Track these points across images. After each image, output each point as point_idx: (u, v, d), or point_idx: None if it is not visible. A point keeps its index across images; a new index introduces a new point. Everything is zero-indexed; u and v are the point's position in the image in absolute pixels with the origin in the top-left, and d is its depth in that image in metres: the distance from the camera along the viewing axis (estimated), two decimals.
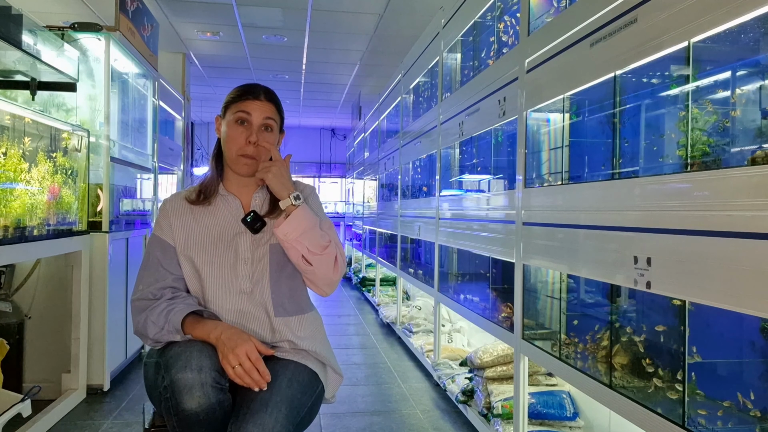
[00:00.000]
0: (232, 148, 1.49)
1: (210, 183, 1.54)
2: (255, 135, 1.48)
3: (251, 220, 1.48)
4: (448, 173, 3.53)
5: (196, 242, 1.48)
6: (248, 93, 1.51)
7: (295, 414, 1.33)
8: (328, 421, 2.85)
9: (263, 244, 1.49)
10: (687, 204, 1.27)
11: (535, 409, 2.38)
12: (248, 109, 1.48)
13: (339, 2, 4.77)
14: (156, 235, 1.51)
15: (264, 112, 1.49)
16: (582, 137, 2.03)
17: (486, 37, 2.92)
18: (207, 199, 1.52)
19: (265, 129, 1.50)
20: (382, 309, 5.50)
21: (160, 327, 1.35)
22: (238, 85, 1.54)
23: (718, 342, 1.46)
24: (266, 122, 1.50)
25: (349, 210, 9.58)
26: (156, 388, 1.32)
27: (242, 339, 1.31)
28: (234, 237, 1.49)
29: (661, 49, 1.39)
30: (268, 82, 7.70)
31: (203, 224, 1.50)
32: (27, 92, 2.83)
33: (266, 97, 1.52)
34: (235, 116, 1.49)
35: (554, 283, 2.18)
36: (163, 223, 1.51)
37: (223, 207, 1.52)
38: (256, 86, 1.53)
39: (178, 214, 1.51)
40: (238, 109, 1.49)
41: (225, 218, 1.51)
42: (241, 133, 1.48)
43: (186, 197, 1.53)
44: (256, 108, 1.49)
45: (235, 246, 1.48)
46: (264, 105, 1.50)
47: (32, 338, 3.03)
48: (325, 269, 1.46)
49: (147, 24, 4.03)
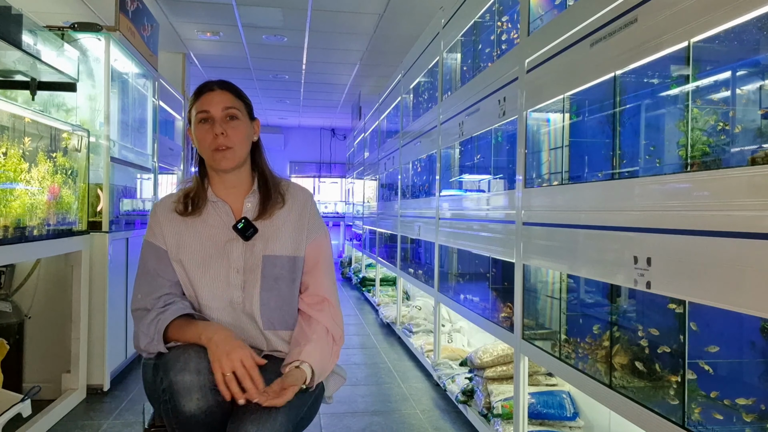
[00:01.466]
0: (204, 147, 1.46)
1: (197, 191, 1.50)
2: (220, 126, 1.44)
3: (242, 227, 1.45)
4: (448, 173, 3.53)
5: (188, 249, 1.46)
6: (202, 90, 1.48)
7: (295, 413, 1.33)
8: (328, 421, 2.85)
9: (257, 253, 1.46)
10: (687, 204, 1.27)
11: (535, 409, 2.38)
12: (205, 106, 1.45)
13: (339, 2, 4.77)
14: (148, 240, 1.49)
15: (221, 102, 1.46)
16: (582, 137, 2.03)
17: (486, 37, 2.92)
18: (197, 209, 1.48)
19: (230, 119, 1.46)
20: (382, 309, 5.50)
21: (150, 338, 1.35)
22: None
23: (718, 342, 1.46)
24: (228, 112, 1.46)
25: (349, 210, 9.58)
26: (155, 389, 1.32)
27: (237, 344, 1.29)
28: (225, 244, 1.46)
29: (661, 49, 1.39)
30: (268, 82, 7.71)
31: (195, 231, 1.47)
32: (27, 92, 2.83)
33: (220, 87, 1.48)
34: (197, 117, 1.46)
35: (554, 283, 2.18)
36: (155, 228, 1.49)
37: (214, 213, 1.49)
38: (209, 81, 1.50)
39: (169, 220, 1.49)
40: (198, 109, 1.46)
41: (216, 225, 1.48)
42: (207, 130, 1.45)
43: (175, 209, 1.49)
44: (213, 101, 1.46)
45: (228, 254, 1.45)
46: (220, 95, 1.47)
47: (32, 338, 3.03)
48: (340, 345, 1.52)
49: (147, 24, 4.03)
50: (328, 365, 1.45)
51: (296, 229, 1.51)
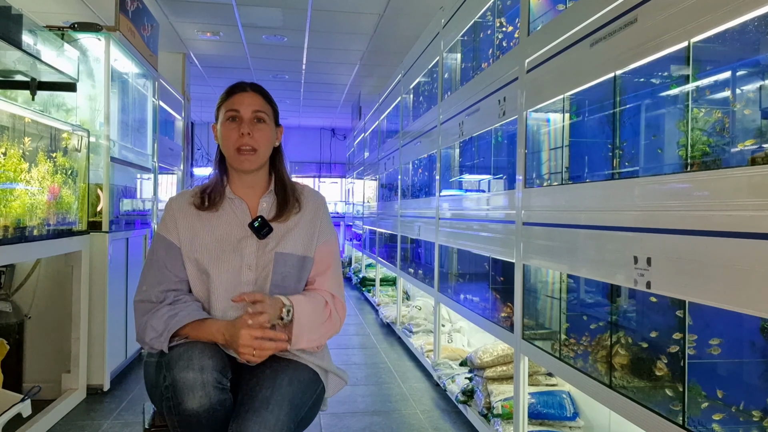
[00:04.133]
0: (229, 145, 1.48)
1: (216, 188, 1.53)
2: (247, 127, 1.47)
3: (258, 225, 1.48)
4: (448, 173, 3.53)
5: (202, 244, 1.47)
6: (235, 89, 1.51)
7: (296, 412, 1.34)
8: (328, 421, 2.85)
9: (269, 251, 1.48)
10: (687, 204, 1.27)
11: (535, 409, 2.38)
12: (236, 105, 1.49)
13: (339, 2, 4.77)
14: (161, 234, 1.50)
15: (252, 105, 1.49)
16: (582, 137, 2.03)
17: (486, 37, 2.92)
18: (214, 205, 1.51)
19: (257, 121, 1.49)
20: (382, 309, 5.50)
21: (158, 333, 1.35)
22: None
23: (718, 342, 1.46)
24: (256, 114, 1.49)
25: (349, 210, 9.58)
26: (157, 387, 1.32)
27: (236, 327, 1.33)
28: (239, 241, 1.48)
29: (661, 49, 1.39)
30: (268, 82, 7.70)
31: (209, 226, 1.49)
32: (27, 92, 2.83)
33: (253, 90, 1.52)
34: (225, 115, 1.49)
35: (554, 283, 2.18)
36: (168, 222, 1.50)
37: (230, 210, 1.52)
38: (242, 82, 1.53)
39: (184, 215, 1.50)
40: (228, 108, 1.49)
41: (232, 222, 1.50)
42: (233, 129, 1.48)
43: (192, 202, 1.51)
44: (244, 102, 1.49)
45: (241, 251, 1.47)
46: (251, 97, 1.50)
47: (32, 338, 3.03)
48: (335, 328, 1.53)
49: (147, 24, 4.03)
50: (315, 329, 1.45)
51: (308, 230, 1.53)
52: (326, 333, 1.49)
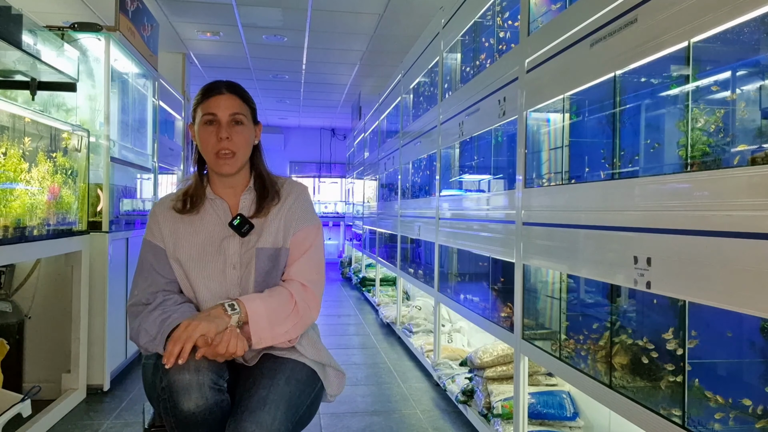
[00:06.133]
0: (208, 149, 1.47)
1: (196, 189, 1.52)
2: (225, 131, 1.45)
3: (238, 223, 1.47)
4: (448, 173, 3.53)
5: (185, 247, 1.47)
6: (210, 91, 1.48)
7: (294, 412, 1.33)
8: (328, 421, 2.85)
9: (251, 248, 1.48)
10: (687, 204, 1.27)
11: (535, 409, 2.38)
12: (212, 108, 1.46)
13: (339, 2, 4.77)
14: (147, 239, 1.51)
15: (229, 108, 1.46)
16: (582, 137, 2.03)
17: (486, 37, 2.92)
18: (195, 207, 1.50)
19: (235, 123, 1.47)
20: (382, 309, 5.50)
21: (152, 336, 1.35)
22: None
23: (718, 342, 1.46)
24: (234, 117, 1.47)
25: (349, 210, 9.58)
26: (154, 388, 1.32)
27: (208, 316, 1.30)
28: (222, 241, 1.48)
29: (661, 49, 1.39)
30: (268, 82, 7.71)
31: (192, 229, 1.49)
32: (27, 92, 2.83)
33: (229, 91, 1.49)
34: (203, 119, 1.47)
35: (554, 283, 2.18)
36: (153, 228, 1.51)
37: (212, 211, 1.52)
38: (218, 83, 1.50)
39: (167, 219, 1.50)
40: (205, 110, 1.47)
41: (214, 222, 1.50)
42: (211, 132, 1.46)
43: (173, 207, 1.51)
44: (221, 105, 1.46)
45: (224, 250, 1.47)
46: (228, 100, 1.47)
47: (32, 338, 3.03)
48: (305, 321, 1.45)
49: (147, 24, 4.03)
50: (279, 324, 1.39)
51: (286, 221, 1.51)
52: (295, 326, 1.42)
